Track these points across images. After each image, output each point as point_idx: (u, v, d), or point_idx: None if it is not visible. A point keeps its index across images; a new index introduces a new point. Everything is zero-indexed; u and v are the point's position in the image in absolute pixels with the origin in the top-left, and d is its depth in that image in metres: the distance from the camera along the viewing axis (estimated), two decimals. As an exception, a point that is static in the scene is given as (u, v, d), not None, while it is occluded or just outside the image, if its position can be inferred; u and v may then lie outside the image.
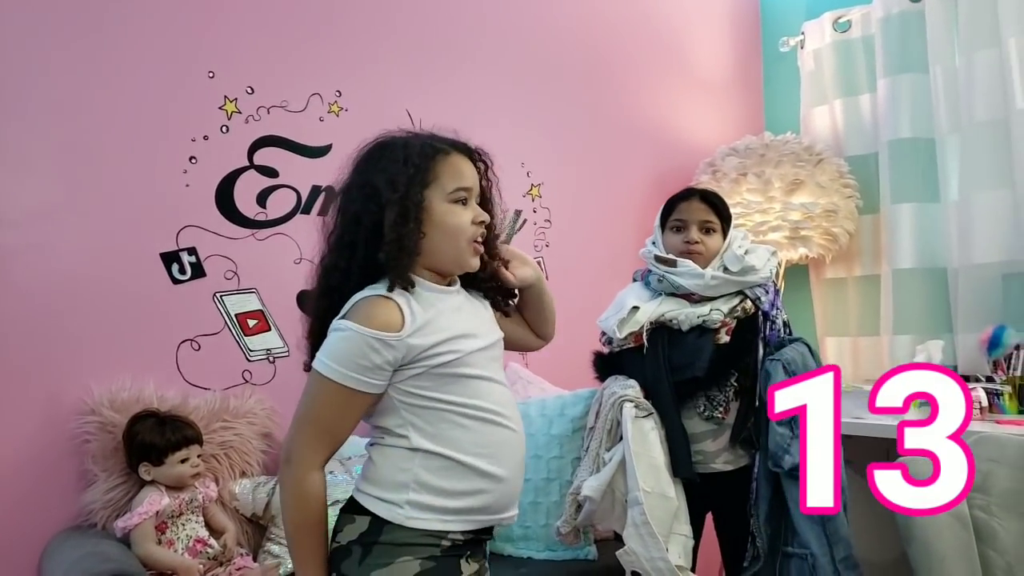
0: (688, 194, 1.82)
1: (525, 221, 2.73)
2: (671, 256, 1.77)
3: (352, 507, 1.21)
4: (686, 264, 1.75)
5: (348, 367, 1.14)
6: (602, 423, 1.78)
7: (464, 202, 1.22)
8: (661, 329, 1.76)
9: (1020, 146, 2.30)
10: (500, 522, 1.27)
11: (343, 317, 1.18)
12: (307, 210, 2.31)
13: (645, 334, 1.76)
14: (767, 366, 1.69)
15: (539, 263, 2.72)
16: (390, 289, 1.17)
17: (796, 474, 1.62)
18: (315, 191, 2.32)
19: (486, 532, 1.27)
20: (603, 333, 1.89)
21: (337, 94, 2.35)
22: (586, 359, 1.96)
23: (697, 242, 1.76)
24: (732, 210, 1.91)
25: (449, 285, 1.26)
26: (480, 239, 1.24)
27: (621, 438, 1.75)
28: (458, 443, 1.18)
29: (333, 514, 1.67)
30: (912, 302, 2.55)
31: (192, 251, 2.11)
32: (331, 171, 2.38)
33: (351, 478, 2.06)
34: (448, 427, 1.18)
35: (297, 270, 2.29)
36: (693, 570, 1.79)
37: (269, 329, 2.23)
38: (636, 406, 1.72)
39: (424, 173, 1.19)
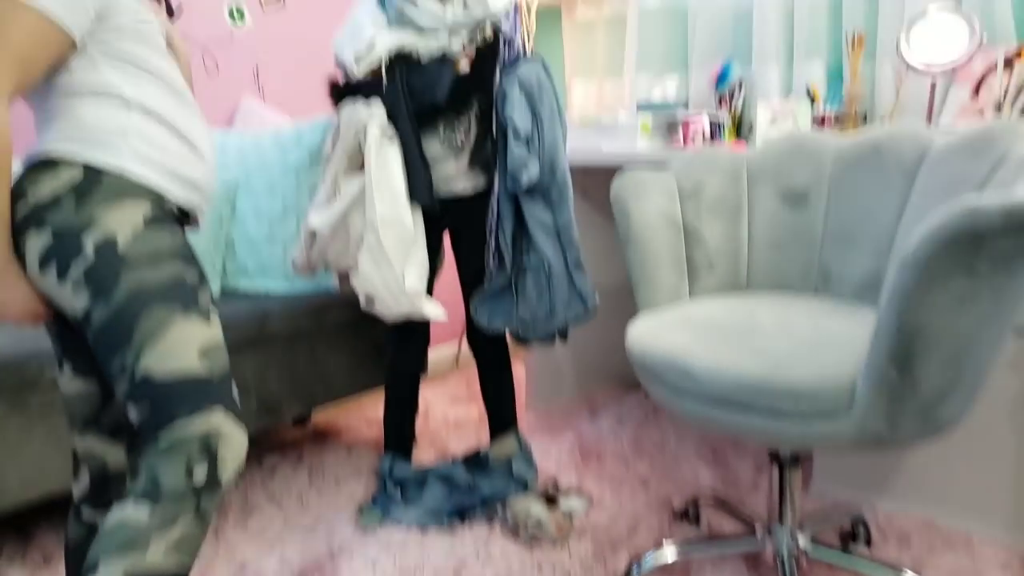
0: None
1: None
2: None
3: (47, 163, 1.08)
4: (425, 1, 1.64)
5: None
6: (342, 148, 1.68)
7: None
8: (400, 60, 1.67)
9: None
10: (199, 211, 1.22)
11: None
12: None
13: (384, 68, 1.67)
14: (503, 84, 1.67)
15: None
16: None
17: (534, 190, 1.67)
18: None
19: (186, 217, 1.23)
20: (339, 61, 1.74)
21: None
22: (324, 86, 1.80)
23: None
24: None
25: None
26: None
27: (362, 165, 1.67)
28: (169, 109, 1.15)
29: None
30: (654, 41, 2.58)
31: None
32: None
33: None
34: (154, 89, 1.14)
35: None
36: (430, 293, 1.81)
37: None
38: (381, 129, 1.65)
39: None
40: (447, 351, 2.94)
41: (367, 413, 2.52)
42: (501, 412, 1.94)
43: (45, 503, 1.90)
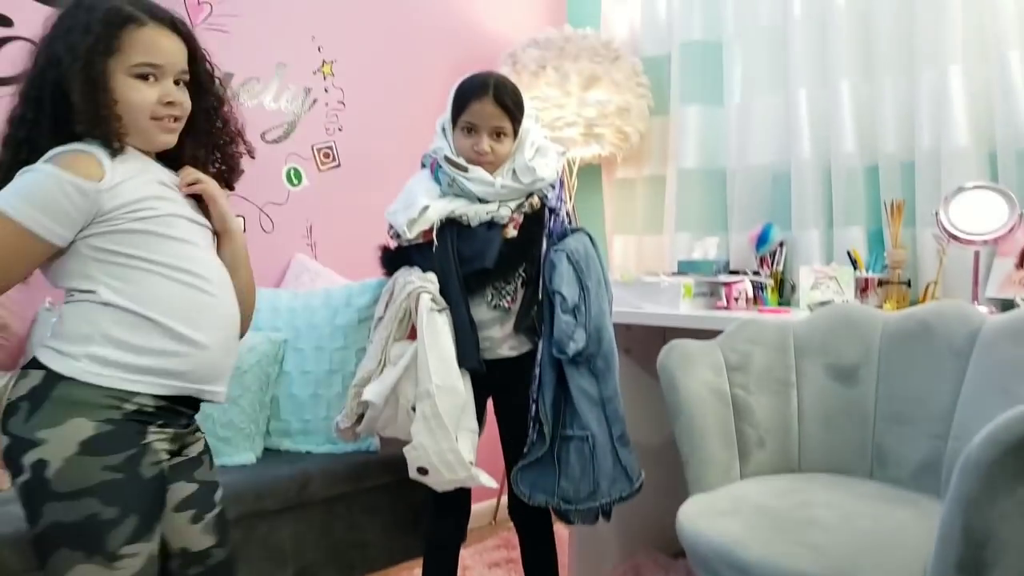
0: (481, 91, 1.73)
1: (315, 101, 2.51)
2: (462, 161, 1.74)
3: (29, 363, 1.13)
4: (476, 171, 1.73)
5: (36, 208, 1.07)
6: (394, 312, 1.72)
7: (147, 77, 1.17)
8: (450, 224, 1.74)
9: (795, 53, 2.40)
10: (202, 394, 1.22)
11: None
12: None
13: (435, 231, 1.73)
14: (552, 256, 1.71)
15: (330, 148, 2.54)
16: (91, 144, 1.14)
17: (579, 359, 1.68)
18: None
19: (187, 403, 1.22)
20: (391, 226, 1.82)
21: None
22: (375, 246, 1.87)
23: (487, 152, 1.73)
24: (531, 103, 1.87)
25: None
26: (173, 119, 1.20)
27: (412, 330, 1.71)
28: (152, 301, 1.15)
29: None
30: (693, 201, 2.65)
31: None
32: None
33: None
34: (142, 284, 1.15)
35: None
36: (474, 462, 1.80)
37: None
38: (433, 299, 1.69)
39: (106, 42, 1.13)
40: (484, 508, 2.88)
41: None
42: None
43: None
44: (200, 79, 1.25)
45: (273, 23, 2.39)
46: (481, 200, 1.73)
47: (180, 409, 1.21)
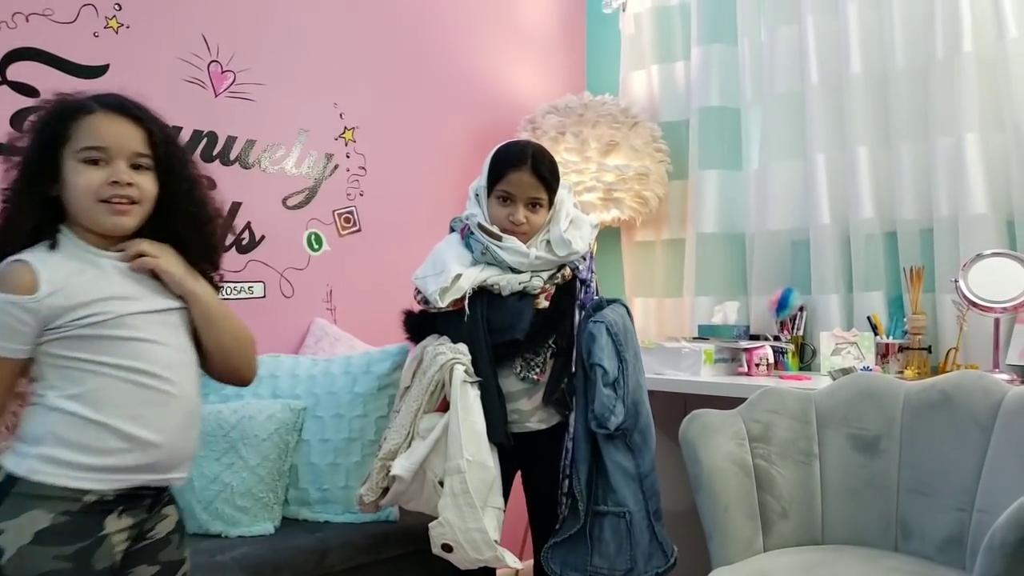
0: (519, 161, 1.74)
1: (337, 167, 2.57)
2: (496, 230, 1.74)
3: None
4: (511, 241, 1.72)
5: None
6: (425, 384, 1.69)
7: (96, 162, 1.21)
8: (481, 292, 1.73)
9: (813, 119, 2.43)
10: (159, 483, 1.25)
11: None
12: (78, 139, 2.03)
13: (466, 300, 1.72)
14: (590, 328, 1.69)
15: (351, 213, 2.59)
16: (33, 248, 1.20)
17: (616, 434, 1.66)
18: (88, 118, 2.04)
19: (151, 489, 1.25)
20: (418, 291, 1.81)
21: (116, 7, 2.06)
22: (398, 314, 1.87)
23: (523, 222, 1.73)
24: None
25: (115, 247, 1.26)
26: (123, 200, 1.22)
27: (442, 402, 1.69)
28: (101, 403, 1.18)
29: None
30: (713, 265, 2.66)
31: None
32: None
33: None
34: (92, 385, 1.18)
35: (64, 207, 2.02)
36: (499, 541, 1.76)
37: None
38: (467, 371, 1.67)
39: (57, 134, 1.21)
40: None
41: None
42: None
43: None
44: (169, 163, 1.29)
45: (296, 90, 2.46)
46: (513, 270, 1.73)
47: (143, 493, 1.24)
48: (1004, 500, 1.25)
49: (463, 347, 1.70)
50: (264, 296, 2.39)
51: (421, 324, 1.81)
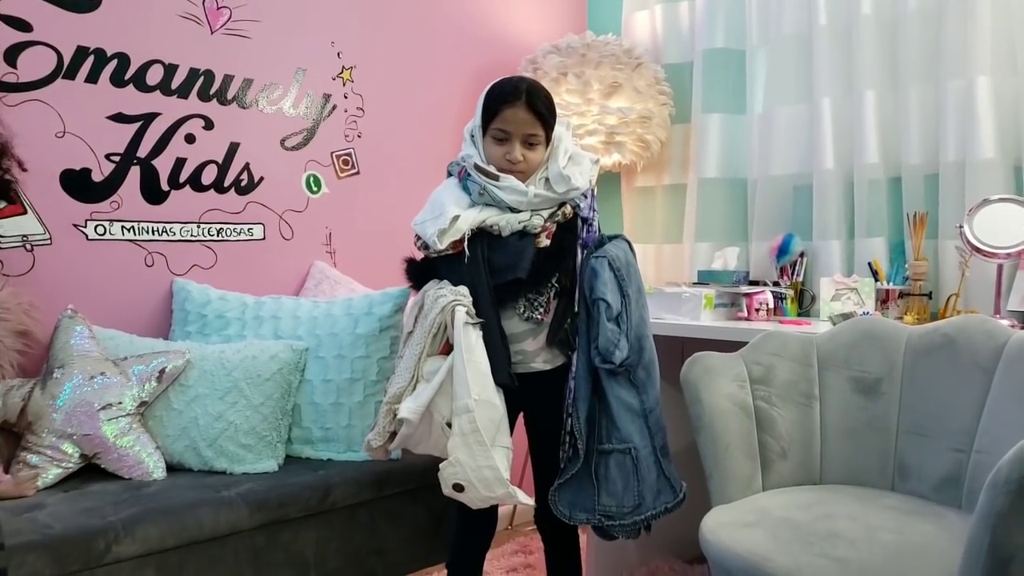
0: (513, 97, 1.68)
1: (335, 108, 2.52)
2: (493, 170, 1.69)
3: None
4: (508, 180, 1.68)
5: None
6: (427, 327, 1.68)
7: None
8: (481, 234, 1.70)
9: (820, 62, 2.39)
10: None
11: None
12: (71, 75, 1.99)
13: (466, 241, 1.69)
14: (593, 263, 1.66)
15: (349, 155, 2.55)
16: None
17: (620, 370, 1.64)
18: (81, 52, 1.99)
19: None
20: (418, 237, 1.78)
21: (108, -62, 2.00)
22: (398, 258, 1.84)
23: (520, 160, 1.68)
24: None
25: None
26: None
27: (445, 345, 1.68)
28: None
29: (108, 418, 1.48)
30: (714, 211, 2.65)
31: (-81, 112, 1.76)
32: (102, 30, 2.08)
33: (125, 379, 1.86)
34: None
35: (59, 145, 1.99)
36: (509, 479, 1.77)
37: (24, 212, 1.92)
38: (468, 312, 1.65)
39: None
40: (501, 513, 2.87)
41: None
42: None
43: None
44: None
45: (292, 27, 2.40)
46: (512, 210, 1.70)
47: None
48: (1003, 442, 1.27)
49: (464, 289, 1.68)
50: (264, 238, 2.38)
51: (423, 270, 1.78)
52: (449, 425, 1.60)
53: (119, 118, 2.08)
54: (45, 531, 1.50)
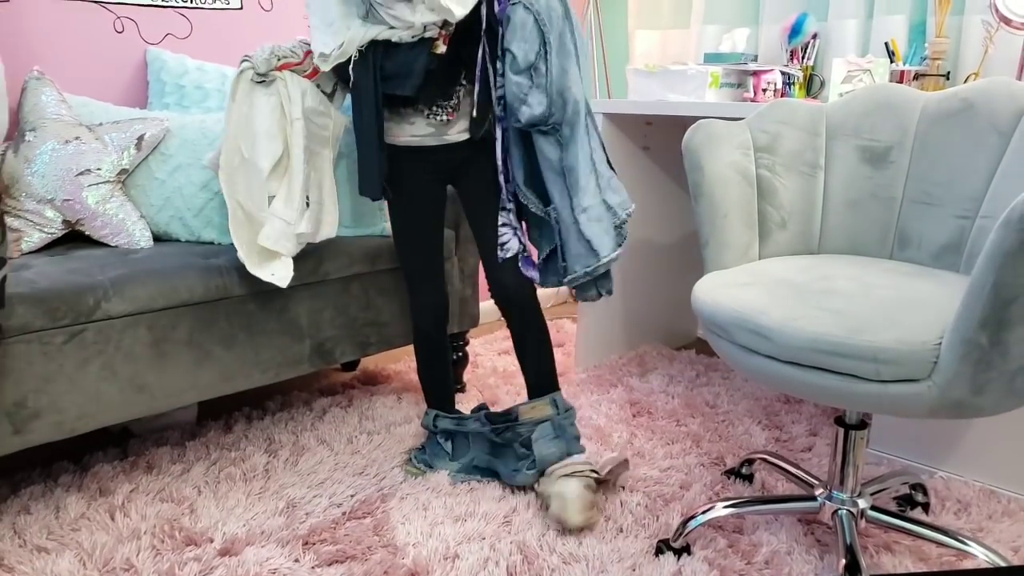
0: None
1: None
2: None
3: None
4: (397, 8, 1.52)
5: None
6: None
7: None
8: (374, 43, 1.56)
9: None
10: None
11: None
12: None
13: (355, 57, 1.57)
14: (508, 11, 1.50)
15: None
16: None
17: (544, 128, 1.54)
18: None
19: None
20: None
21: None
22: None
23: None
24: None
25: None
26: None
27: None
28: None
29: (88, 183, 1.40)
30: (724, -10, 2.48)
31: None
32: None
33: (102, 145, 1.78)
34: None
35: None
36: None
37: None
38: (256, 70, 1.61)
39: None
40: (492, 305, 2.90)
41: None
42: (539, 374, 1.79)
43: (101, 435, 1.92)
44: None
45: None
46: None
47: None
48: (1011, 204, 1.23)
49: (268, 49, 1.62)
50: (241, 8, 2.21)
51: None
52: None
53: None
54: (32, 285, 1.48)
